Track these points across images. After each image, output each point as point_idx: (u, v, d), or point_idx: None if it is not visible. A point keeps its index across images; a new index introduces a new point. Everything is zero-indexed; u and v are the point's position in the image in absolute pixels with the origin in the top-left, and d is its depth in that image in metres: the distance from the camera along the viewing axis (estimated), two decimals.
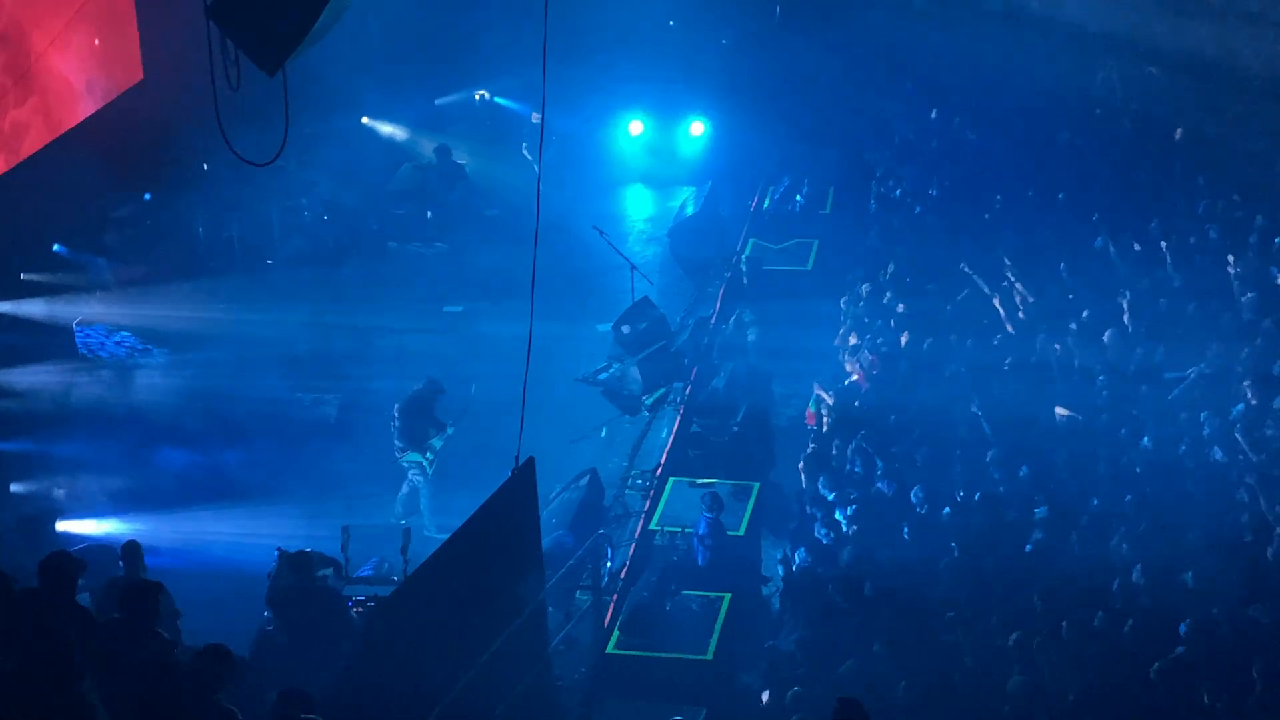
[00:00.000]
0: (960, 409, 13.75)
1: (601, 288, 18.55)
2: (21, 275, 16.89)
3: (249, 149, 8.84)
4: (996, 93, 21.31)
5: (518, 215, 17.18)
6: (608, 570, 13.13)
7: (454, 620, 10.07)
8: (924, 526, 12.10)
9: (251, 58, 7.57)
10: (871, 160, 20.50)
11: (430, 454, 14.25)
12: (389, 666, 9.55)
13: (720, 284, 18.91)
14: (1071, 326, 14.92)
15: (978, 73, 21.70)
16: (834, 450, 13.66)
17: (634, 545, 13.68)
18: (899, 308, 15.90)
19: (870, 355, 15.12)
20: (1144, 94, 21.23)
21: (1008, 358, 14.60)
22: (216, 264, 18.72)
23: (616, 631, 12.14)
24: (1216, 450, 12.70)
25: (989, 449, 13.03)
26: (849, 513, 12.47)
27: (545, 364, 11.55)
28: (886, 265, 17.18)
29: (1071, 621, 10.31)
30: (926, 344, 15.06)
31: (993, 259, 16.41)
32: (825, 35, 22.83)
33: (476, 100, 23.70)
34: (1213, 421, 12.99)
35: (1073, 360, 14.34)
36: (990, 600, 11.03)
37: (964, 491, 12.49)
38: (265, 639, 11.14)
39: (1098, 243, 16.84)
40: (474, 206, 21.05)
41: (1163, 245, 16.38)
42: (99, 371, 16.86)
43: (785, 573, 12.38)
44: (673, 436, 15.54)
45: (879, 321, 15.85)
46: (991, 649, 10.46)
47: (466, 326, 17.94)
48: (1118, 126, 20.36)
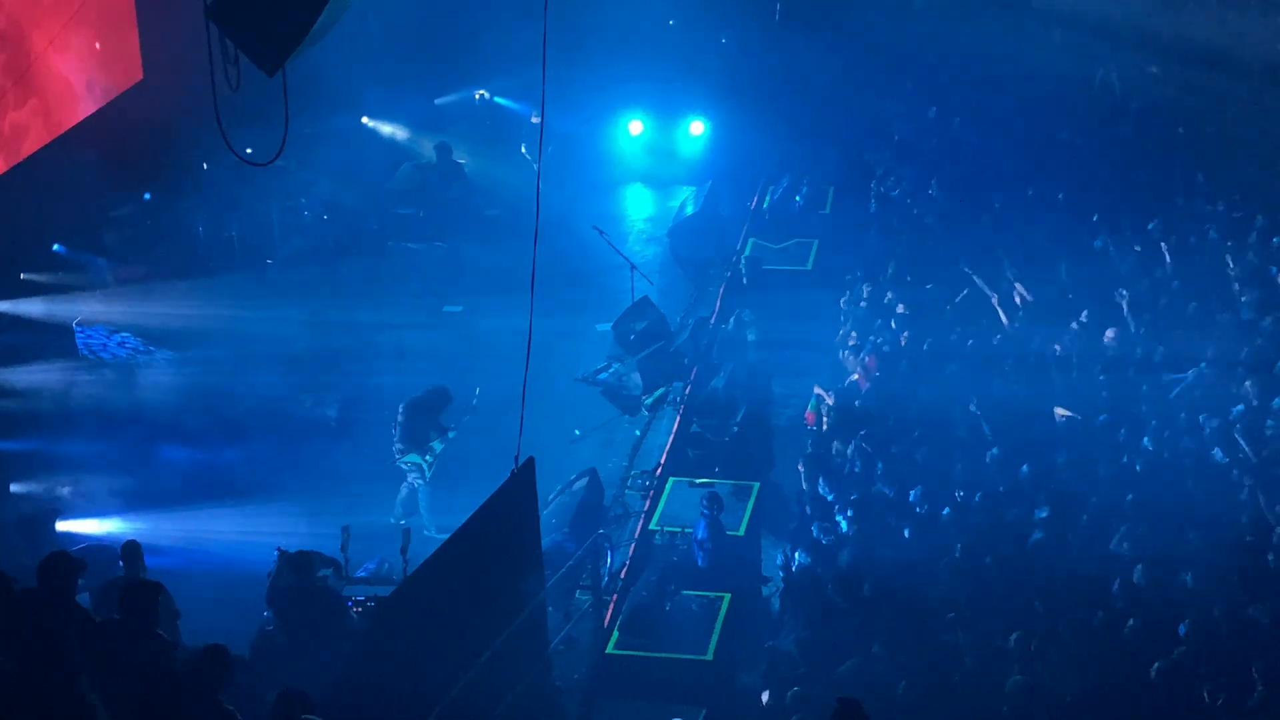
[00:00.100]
0: (960, 409, 13.75)
1: (601, 287, 18.54)
2: (22, 275, 16.89)
3: (249, 149, 8.86)
4: (996, 92, 21.34)
5: (518, 215, 17.18)
6: (607, 570, 13.12)
7: (454, 620, 10.07)
8: (924, 527, 12.09)
9: (251, 58, 7.57)
10: (871, 160, 20.51)
11: (430, 456, 14.23)
12: (389, 667, 9.54)
13: (720, 284, 18.90)
14: (1072, 326, 14.92)
15: (977, 72, 21.72)
16: (834, 450, 13.66)
17: (634, 545, 13.67)
18: (899, 308, 15.90)
19: (870, 355, 15.12)
20: (1144, 93, 21.25)
21: (1007, 357, 14.61)
22: (216, 264, 18.70)
23: (616, 632, 12.14)
24: (1217, 450, 12.70)
25: (989, 449, 13.03)
26: (849, 513, 12.47)
27: (545, 363, 11.55)
28: (886, 265, 17.19)
29: (1070, 622, 10.31)
30: (926, 344, 15.06)
31: (993, 259, 16.42)
32: (825, 35, 22.83)
33: (476, 100, 23.70)
34: (1212, 421, 12.99)
35: (1072, 360, 14.34)
36: (990, 600, 11.03)
37: (964, 491, 12.49)
38: (265, 639, 11.12)
39: (1097, 243, 16.85)
40: (474, 206, 21.03)
41: (1162, 245, 16.40)
42: (99, 371, 16.84)
43: (785, 573, 12.38)
44: (672, 436, 15.53)
45: (879, 321, 15.86)
46: (991, 649, 10.46)
47: (466, 326, 17.93)
48: (1118, 126, 20.37)
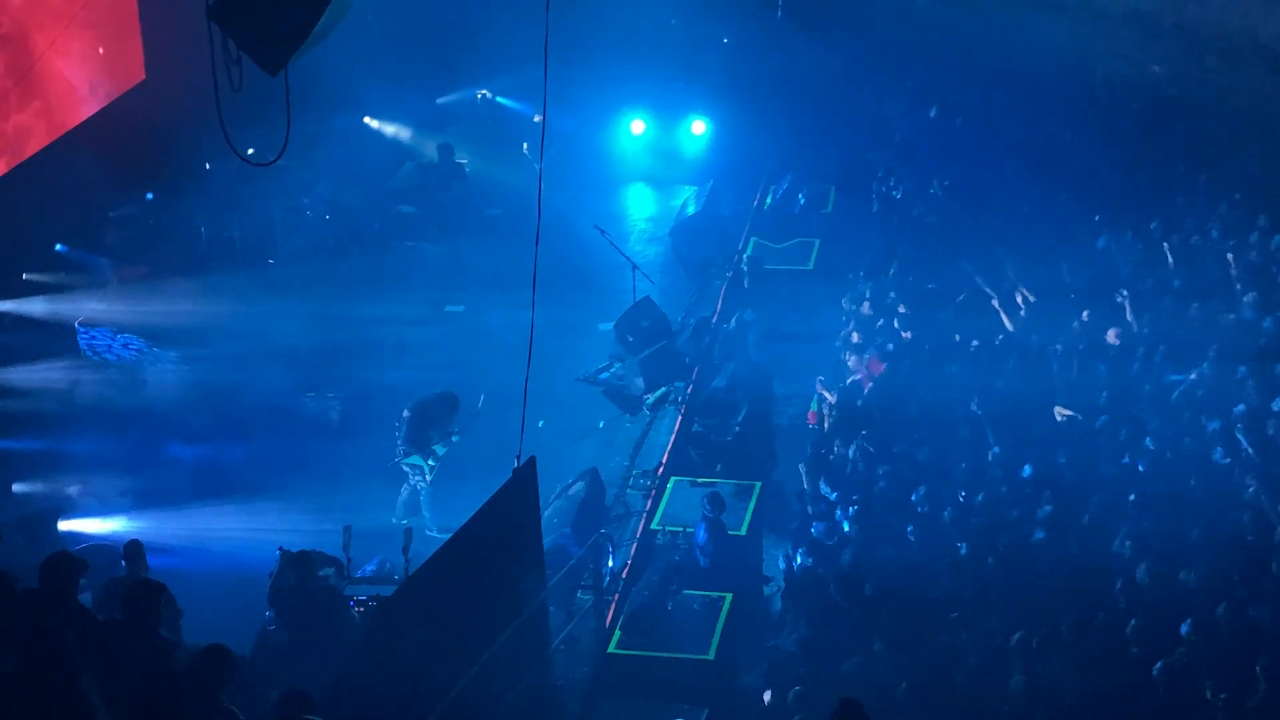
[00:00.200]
0: (962, 409, 13.75)
1: (603, 287, 18.54)
2: (24, 275, 16.90)
3: (250, 148, 8.87)
4: (998, 91, 21.33)
5: (519, 214, 17.19)
6: (609, 570, 13.12)
7: (455, 620, 10.07)
8: (925, 526, 12.09)
9: (253, 58, 7.57)
10: (873, 159, 20.51)
11: (433, 461, 14.21)
12: (390, 666, 9.55)
13: (722, 283, 18.90)
14: (1073, 326, 14.92)
15: (979, 70, 21.72)
16: (835, 450, 13.66)
17: (635, 545, 13.67)
18: (901, 308, 15.90)
19: (872, 355, 15.11)
20: (1146, 93, 21.25)
21: (1009, 357, 14.61)
22: (218, 263, 18.71)
23: (618, 631, 12.13)
24: (1218, 450, 12.70)
25: (990, 448, 13.03)
26: (851, 513, 12.46)
27: (547, 363, 11.55)
28: (888, 265, 17.18)
29: (1072, 622, 10.30)
30: (928, 343, 15.06)
31: (994, 258, 16.41)
32: (827, 34, 22.84)
33: (478, 99, 23.70)
34: (1214, 421, 12.99)
35: (1074, 360, 14.33)
36: (992, 600, 11.02)
37: (965, 491, 12.49)
38: (266, 639, 11.14)
39: (1100, 242, 16.85)
40: (475, 206, 21.05)
41: (1165, 245, 16.40)
42: (101, 370, 16.85)
43: (787, 573, 12.37)
44: (674, 436, 15.53)
45: (881, 321, 15.86)
46: (992, 649, 10.45)
47: (468, 325, 17.93)
48: (1120, 125, 20.36)
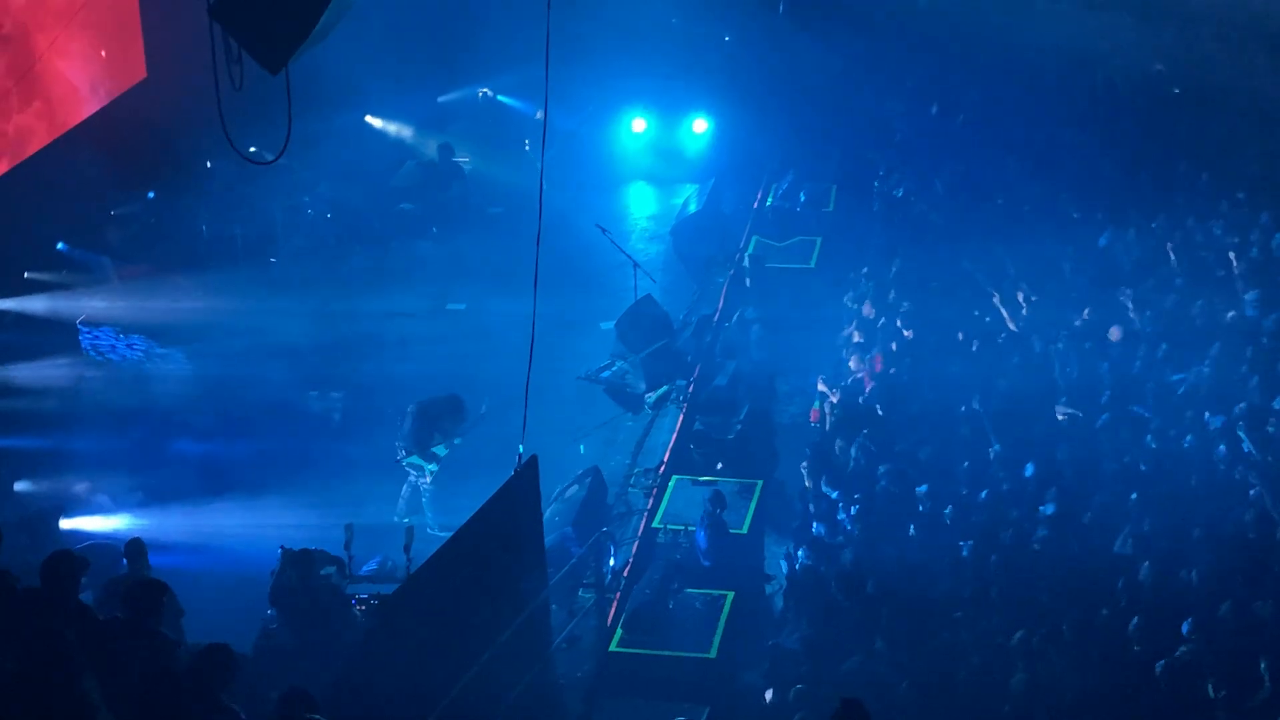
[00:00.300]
0: (964, 407, 13.74)
1: (604, 285, 18.54)
2: (25, 274, 16.90)
3: (252, 147, 8.86)
4: (999, 89, 21.32)
5: (520, 213, 17.17)
6: (610, 568, 13.12)
7: (457, 618, 10.07)
8: (927, 525, 12.09)
9: (254, 56, 7.57)
10: (874, 157, 20.49)
11: (434, 465, 14.19)
12: (392, 665, 9.55)
13: (723, 282, 18.89)
14: (1075, 324, 14.92)
15: (981, 69, 21.70)
16: (837, 448, 13.65)
17: (637, 543, 13.66)
18: (903, 306, 15.89)
19: (875, 353, 15.11)
20: (1147, 91, 21.23)
21: (1011, 356, 14.61)
22: (219, 262, 18.71)
23: (619, 630, 12.13)
24: (1221, 448, 12.69)
25: (991, 447, 13.02)
26: (852, 511, 12.46)
27: (548, 362, 11.55)
28: (890, 263, 17.18)
29: (1074, 620, 10.30)
30: (930, 342, 15.05)
31: (996, 256, 16.41)
32: (828, 32, 22.82)
33: (479, 97, 23.68)
34: (1217, 419, 12.98)
35: (1076, 358, 14.32)
36: (993, 598, 11.02)
37: (968, 489, 12.48)
38: (268, 637, 11.14)
39: (1101, 240, 16.85)
40: (476, 204, 21.06)
41: (1167, 244, 16.39)
42: (103, 369, 16.86)
43: (788, 571, 12.38)
44: (676, 434, 15.52)
45: (883, 319, 15.85)
46: (994, 648, 10.45)
47: (470, 324, 17.93)
48: (1121, 123, 20.35)
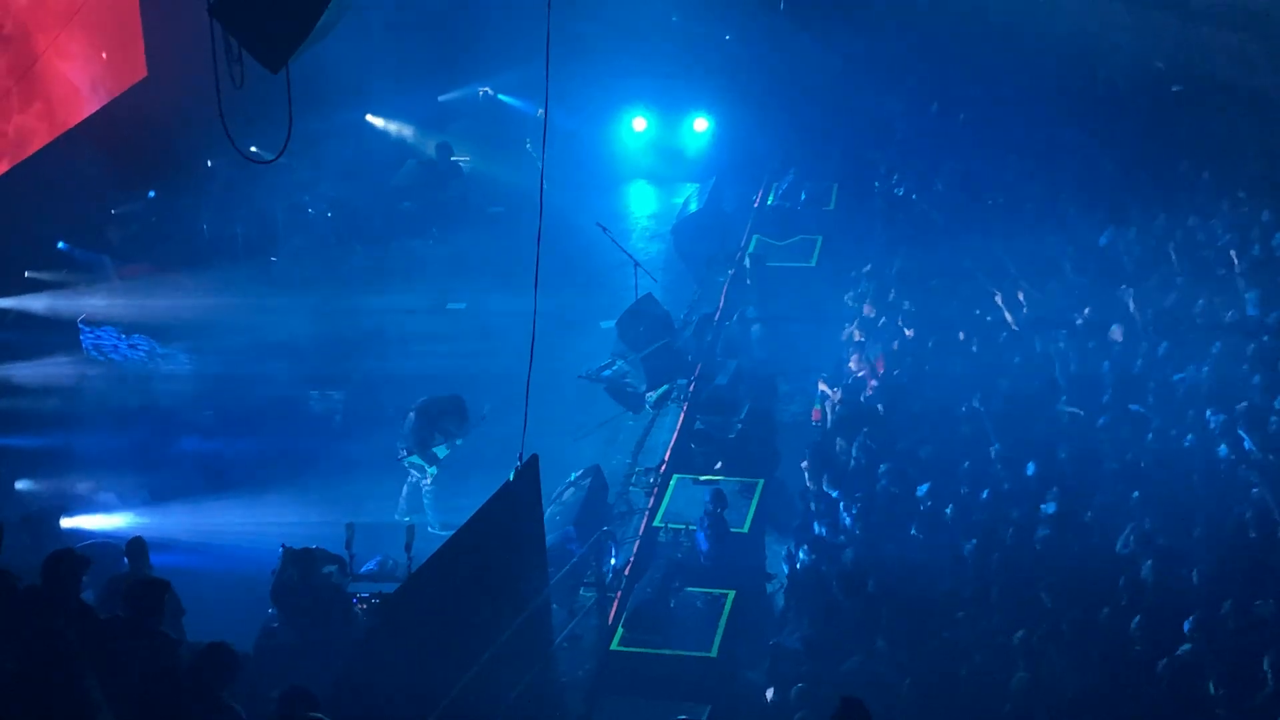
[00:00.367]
0: (966, 406, 13.74)
1: (605, 284, 18.54)
2: (26, 273, 16.89)
3: (253, 146, 8.85)
4: (1000, 87, 21.30)
5: (521, 212, 17.18)
6: (611, 567, 13.12)
7: (458, 618, 10.07)
8: (928, 524, 12.08)
9: (255, 55, 7.57)
10: (875, 156, 20.49)
11: (434, 467, 14.19)
12: (393, 664, 9.55)
13: (724, 280, 18.88)
14: (1077, 323, 14.91)
15: (981, 67, 21.68)
16: (838, 447, 13.65)
17: (638, 542, 13.67)
18: (904, 305, 15.89)
19: (875, 352, 15.11)
20: (1149, 89, 21.22)
21: (1012, 354, 14.60)
22: (220, 261, 18.73)
23: (620, 628, 12.14)
24: (1222, 446, 12.68)
25: (992, 445, 13.02)
26: (853, 510, 12.46)
27: (549, 361, 11.55)
28: (891, 262, 17.17)
29: (1075, 619, 10.29)
30: (932, 341, 15.05)
31: (997, 256, 16.40)
32: (829, 31, 22.80)
33: (480, 96, 23.68)
34: (1218, 417, 12.97)
35: (1078, 357, 14.32)
36: (995, 597, 11.01)
37: (968, 488, 12.48)
38: (269, 636, 11.14)
39: (1102, 239, 16.84)
40: (475, 203, 21.08)
41: (1169, 243, 16.38)
42: (103, 367, 16.86)
43: (789, 570, 12.37)
44: (676, 433, 15.52)
45: (884, 319, 15.85)
46: (995, 646, 10.44)
47: (470, 323, 17.93)
48: (1122, 122, 20.34)
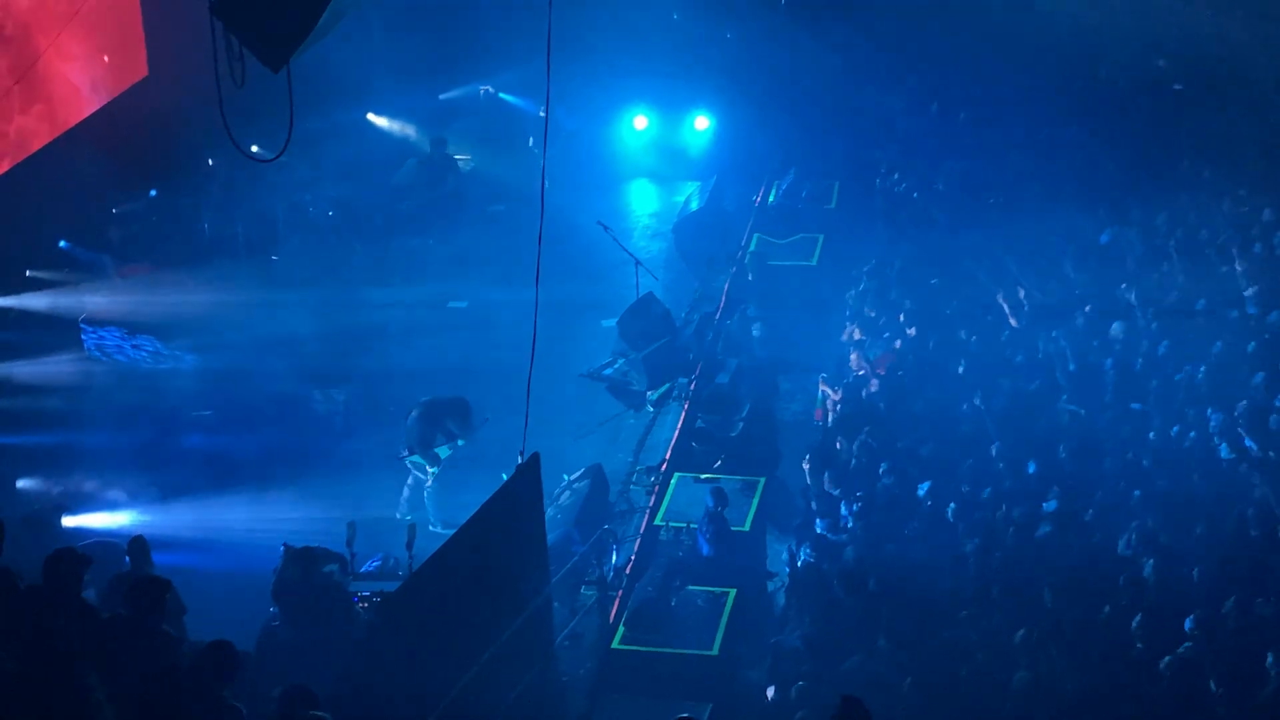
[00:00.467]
0: (967, 405, 13.74)
1: (607, 283, 18.53)
2: (28, 272, 16.90)
3: (254, 145, 8.84)
4: (1002, 86, 21.30)
5: (522, 210, 17.18)
6: (612, 566, 13.13)
7: (459, 616, 10.07)
8: (929, 522, 12.09)
9: (256, 54, 7.57)
10: (876, 154, 20.49)
11: (435, 468, 14.20)
12: (394, 662, 9.55)
13: (725, 279, 18.88)
14: (1078, 321, 14.91)
15: (983, 65, 21.68)
16: (839, 446, 13.65)
17: (639, 541, 13.67)
18: (905, 303, 15.89)
19: (877, 351, 15.11)
20: (1150, 87, 21.22)
21: (1013, 353, 14.60)
22: (221, 260, 18.74)
23: (622, 627, 12.15)
24: (1223, 445, 12.68)
25: (993, 444, 13.02)
26: (854, 509, 12.46)
27: (550, 359, 11.55)
28: (893, 260, 17.18)
29: (1075, 618, 10.29)
30: (933, 340, 15.05)
31: (998, 254, 16.40)
32: (830, 29, 22.80)
33: (481, 95, 23.68)
34: (1219, 416, 12.98)
35: (1079, 355, 14.32)
36: (996, 596, 11.01)
37: (969, 487, 12.48)
38: (270, 635, 11.14)
39: (1103, 238, 16.84)
40: (473, 199, 21.12)
41: (1169, 240, 16.38)
42: (104, 366, 16.87)
43: (790, 568, 12.38)
44: (678, 432, 15.52)
45: (885, 317, 15.84)
46: (997, 645, 10.45)
47: (471, 321, 17.94)
48: (1124, 120, 20.34)
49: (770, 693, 10.81)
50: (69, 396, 15.92)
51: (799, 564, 12.20)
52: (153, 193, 19.10)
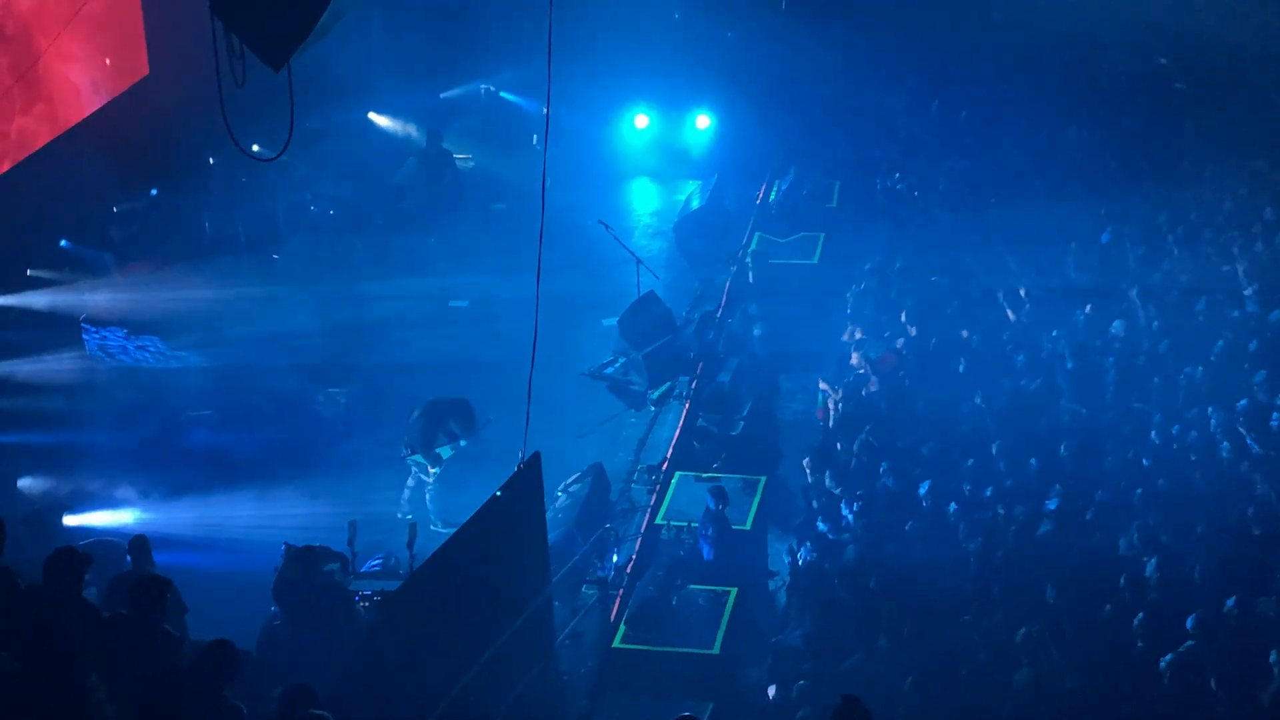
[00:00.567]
0: (967, 404, 13.74)
1: (607, 282, 18.53)
2: (29, 271, 16.90)
3: (255, 144, 8.84)
4: (1003, 85, 21.29)
5: (523, 209, 17.17)
6: (613, 565, 13.13)
7: (460, 615, 10.07)
8: (929, 522, 12.08)
9: (256, 53, 7.57)
10: (877, 153, 20.48)
11: (437, 468, 14.20)
12: (395, 661, 9.55)
13: (726, 278, 18.88)
14: (1079, 320, 14.91)
15: (984, 65, 21.68)
16: (839, 445, 13.65)
17: (640, 540, 13.67)
18: (906, 302, 15.88)
19: (877, 350, 15.11)
20: (1152, 86, 21.21)
21: (1014, 352, 14.59)
22: (222, 259, 18.74)
23: (622, 626, 12.14)
24: (1224, 444, 12.67)
25: (993, 442, 13.01)
26: (855, 508, 12.45)
27: (551, 358, 11.54)
28: (894, 259, 17.16)
29: (1076, 617, 10.28)
30: (934, 338, 15.04)
31: (999, 253, 16.39)
32: (830, 28, 22.79)
33: (482, 94, 23.68)
34: (1219, 415, 12.97)
35: (1080, 354, 14.31)
36: (997, 595, 11.01)
37: (970, 486, 12.47)
38: (271, 634, 11.14)
39: (1104, 236, 16.83)
40: (471, 194, 21.12)
41: (1170, 239, 16.37)
42: (107, 366, 16.87)
43: (791, 567, 12.37)
44: (679, 431, 15.53)
45: (885, 316, 15.84)
46: (998, 644, 10.44)
47: (472, 320, 17.94)
48: (1126, 119, 20.33)
49: (771, 692, 10.80)
50: (70, 395, 15.92)
51: (800, 563, 12.19)
52: (154, 192, 19.11)
